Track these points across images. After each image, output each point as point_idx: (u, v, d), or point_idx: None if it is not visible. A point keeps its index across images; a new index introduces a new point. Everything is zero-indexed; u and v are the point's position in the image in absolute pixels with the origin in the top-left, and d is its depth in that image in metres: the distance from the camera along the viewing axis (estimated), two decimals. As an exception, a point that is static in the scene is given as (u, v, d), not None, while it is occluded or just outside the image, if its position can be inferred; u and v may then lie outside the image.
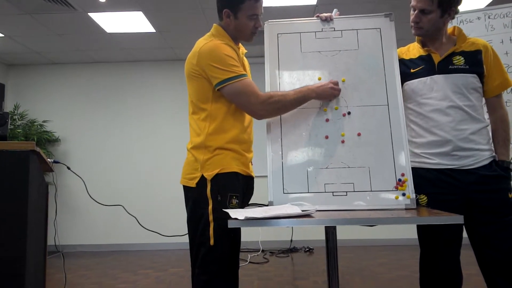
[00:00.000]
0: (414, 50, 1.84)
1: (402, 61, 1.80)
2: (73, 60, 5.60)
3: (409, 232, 4.00)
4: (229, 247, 1.60)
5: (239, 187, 1.65)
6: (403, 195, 1.59)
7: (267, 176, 1.64)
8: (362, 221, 1.39)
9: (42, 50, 5.16)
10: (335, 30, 1.80)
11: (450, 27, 1.84)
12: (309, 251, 4.99)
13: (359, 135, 1.67)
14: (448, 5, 1.68)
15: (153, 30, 4.55)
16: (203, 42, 1.68)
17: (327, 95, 1.69)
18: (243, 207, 1.66)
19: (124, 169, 5.55)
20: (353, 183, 1.62)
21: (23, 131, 5.19)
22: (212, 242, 1.56)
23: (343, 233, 4.47)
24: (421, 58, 1.79)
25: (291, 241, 5.09)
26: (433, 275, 1.74)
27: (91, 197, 2.59)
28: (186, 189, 1.70)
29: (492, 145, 1.75)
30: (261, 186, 1.96)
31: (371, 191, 1.61)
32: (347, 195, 1.61)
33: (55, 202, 2.50)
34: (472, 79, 1.70)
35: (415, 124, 1.77)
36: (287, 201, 1.61)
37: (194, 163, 1.66)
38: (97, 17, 4.18)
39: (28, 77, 5.71)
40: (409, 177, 1.60)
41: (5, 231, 1.82)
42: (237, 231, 1.67)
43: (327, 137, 1.68)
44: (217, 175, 1.61)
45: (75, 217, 5.42)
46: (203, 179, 1.62)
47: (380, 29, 1.79)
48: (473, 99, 1.71)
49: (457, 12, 1.73)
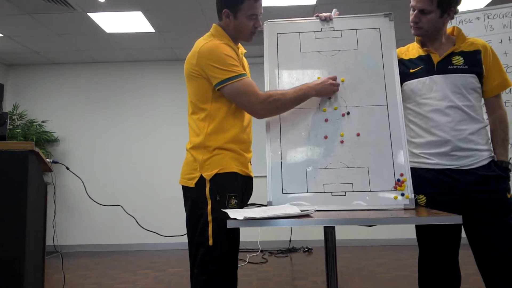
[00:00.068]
0: (413, 50, 1.84)
1: (401, 61, 1.80)
2: (72, 60, 5.60)
3: (408, 232, 4.00)
4: (228, 247, 1.60)
5: (238, 187, 1.65)
6: (402, 195, 1.59)
7: (266, 176, 1.64)
8: (361, 221, 1.39)
9: (41, 50, 5.15)
10: (334, 30, 1.80)
11: (449, 27, 1.84)
12: (308, 251, 4.99)
13: (358, 135, 1.67)
14: (447, 5, 1.68)
15: (153, 30, 4.54)
16: (203, 42, 1.68)
17: (327, 92, 1.69)
18: (242, 207, 1.66)
19: (123, 169, 5.54)
20: (352, 183, 1.62)
21: (22, 131, 5.18)
22: (211, 242, 1.56)
23: (342, 233, 4.48)
24: (420, 58, 1.79)
25: (290, 241, 5.08)
26: (432, 275, 1.74)
27: (90, 197, 2.59)
28: (185, 189, 1.70)
29: (491, 145, 1.75)
30: (260, 186, 1.96)
31: (370, 191, 1.61)
32: (346, 195, 1.61)
33: (54, 202, 2.50)
34: (471, 79, 1.70)
35: (414, 124, 1.77)
36: (286, 201, 1.61)
37: (193, 163, 1.66)
38: (97, 17, 4.18)
39: (27, 77, 5.71)
40: (408, 177, 1.60)
41: (4, 231, 1.82)
42: (236, 231, 1.67)
43: (326, 137, 1.68)
44: (216, 175, 1.61)
45: (74, 217, 5.42)
46: (202, 179, 1.62)
47: (379, 29, 1.79)
48: (472, 99, 1.71)
49: (457, 12, 1.74)
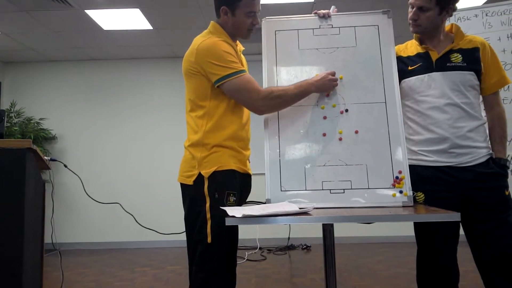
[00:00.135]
0: (412, 47, 1.84)
1: (400, 59, 1.79)
2: (70, 57, 5.57)
3: (406, 229, 3.99)
4: (226, 244, 1.60)
5: (236, 185, 1.65)
6: (401, 192, 1.59)
7: (264, 173, 1.64)
8: (359, 218, 1.39)
9: (39, 47, 5.13)
10: (332, 27, 1.80)
11: (447, 24, 1.84)
12: (307, 248, 4.99)
13: (356, 132, 1.67)
14: (446, 3, 1.68)
15: (150, 27, 4.53)
16: (201, 39, 1.67)
17: (327, 88, 1.70)
18: (240, 205, 1.66)
19: (121, 166, 5.54)
20: (351, 181, 1.62)
21: (20, 128, 5.16)
22: (209, 239, 1.56)
23: (341, 231, 4.47)
24: (418, 55, 1.78)
25: (289, 238, 5.09)
26: (430, 272, 1.75)
27: (88, 195, 2.59)
28: (183, 186, 1.69)
29: (489, 143, 1.75)
30: (258, 183, 1.96)
31: (369, 188, 1.61)
32: (344, 192, 1.61)
33: (52, 200, 2.49)
34: (469, 77, 1.71)
35: (412, 121, 1.77)
36: (284, 198, 1.61)
37: (191, 161, 1.66)
38: (94, 14, 4.16)
39: (24, 75, 5.68)
40: (407, 175, 1.60)
41: (1, 229, 1.81)
42: (234, 229, 1.67)
43: (324, 135, 1.68)
44: (215, 173, 1.61)
45: (72, 215, 5.41)
46: (200, 177, 1.61)
47: (378, 26, 1.79)
48: (470, 97, 1.71)
49: (455, 9, 1.74)
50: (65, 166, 2.51)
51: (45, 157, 2.12)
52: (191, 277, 1.66)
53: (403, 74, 1.77)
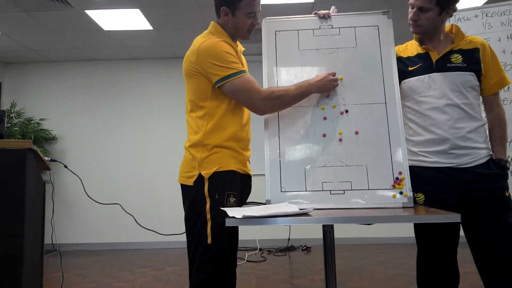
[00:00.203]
0: (412, 48, 1.84)
1: (400, 59, 1.79)
2: (70, 58, 5.58)
3: (406, 230, 4.00)
4: (226, 245, 1.60)
5: (236, 186, 1.65)
6: (401, 193, 1.59)
7: (264, 174, 1.64)
8: (359, 219, 1.39)
9: (39, 47, 5.13)
10: (333, 27, 1.80)
11: (447, 25, 1.84)
12: (307, 249, 4.99)
13: (356, 133, 1.67)
14: (446, 3, 1.68)
15: (151, 27, 4.53)
16: (201, 39, 1.67)
17: (327, 89, 1.70)
18: (240, 206, 1.66)
19: (121, 167, 5.53)
20: (351, 182, 1.62)
21: (20, 129, 5.16)
22: (209, 240, 1.56)
23: (341, 232, 4.47)
24: (419, 56, 1.78)
25: (289, 239, 5.09)
26: (430, 273, 1.75)
27: (88, 195, 2.59)
28: (183, 187, 1.69)
29: (489, 144, 1.75)
30: (258, 184, 1.96)
31: (369, 189, 1.61)
32: (344, 193, 1.61)
33: (52, 200, 2.49)
34: (469, 77, 1.70)
35: (412, 122, 1.77)
36: (284, 199, 1.61)
37: (191, 162, 1.66)
38: (94, 15, 4.16)
39: (25, 75, 5.68)
40: (407, 176, 1.60)
41: (2, 230, 1.81)
42: (234, 230, 1.67)
43: (324, 135, 1.68)
44: (215, 174, 1.61)
45: (72, 215, 5.41)
46: (200, 178, 1.61)
47: (378, 26, 1.79)
48: (470, 98, 1.71)
49: (455, 10, 1.74)
50: (65, 166, 2.51)
51: (45, 158, 2.12)
52: (191, 278, 1.65)
53: (403, 74, 1.77)
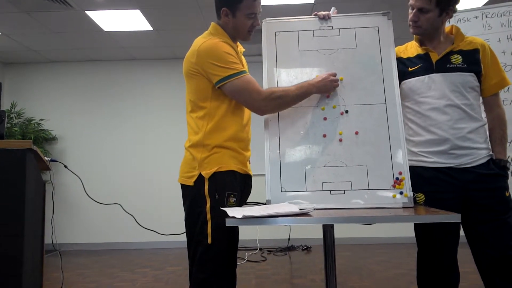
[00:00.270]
0: (412, 48, 1.84)
1: (400, 60, 1.80)
2: (70, 58, 5.58)
3: (406, 230, 4.00)
4: (226, 245, 1.60)
5: (237, 186, 1.65)
6: (401, 193, 1.59)
7: (264, 174, 1.65)
8: (359, 219, 1.39)
9: (39, 48, 5.13)
10: (333, 28, 1.80)
11: (447, 25, 1.84)
12: (307, 249, 4.99)
13: (356, 133, 1.68)
14: (446, 4, 1.68)
15: (151, 28, 4.53)
16: (202, 40, 1.67)
17: (328, 89, 1.70)
18: (241, 206, 1.66)
19: (121, 167, 5.54)
20: (351, 182, 1.62)
21: (20, 129, 5.17)
22: (209, 240, 1.56)
23: (341, 232, 4.48)
24: (419, 56, 1.79)
25: (289, 239, 5.09)
26: (431, 273, 1.75)
27: (88, 195, 2.59)
28: (183, 187, 1.70)
29: (489, 144, 1.76)
30: (259, 184, 1.96)
31: (369, 189, 1.61)
32: (344, 193, 1.61)
33: (52, 200, 2.49)
34: (469, 78, 1.71)
35: (412, 122, 1.77)
36: (285, 199, 1.61)
37: (192, 162, 1.66)
38: (94, 15, 4.17)
39: (25, 76, 5.69)
40: (407, 176, 1.61)
41: (2, 230, 1.81)
42: (234, 230, 1.67)
43: (325, 136, 1.68)
44: (215, 174, 1.61)
45: (72, 215, 5.41)
46: (201, 178, 1.61)
47: (378, 27, 1.79)
48: (470, 98, 1.71)
49: (455, 11, 1.74)
50: (65, 166, 2.51)
51: (46, 158, 2.12)
52: (191, 278, 1.66)
53: (403, 75, 1.77)
